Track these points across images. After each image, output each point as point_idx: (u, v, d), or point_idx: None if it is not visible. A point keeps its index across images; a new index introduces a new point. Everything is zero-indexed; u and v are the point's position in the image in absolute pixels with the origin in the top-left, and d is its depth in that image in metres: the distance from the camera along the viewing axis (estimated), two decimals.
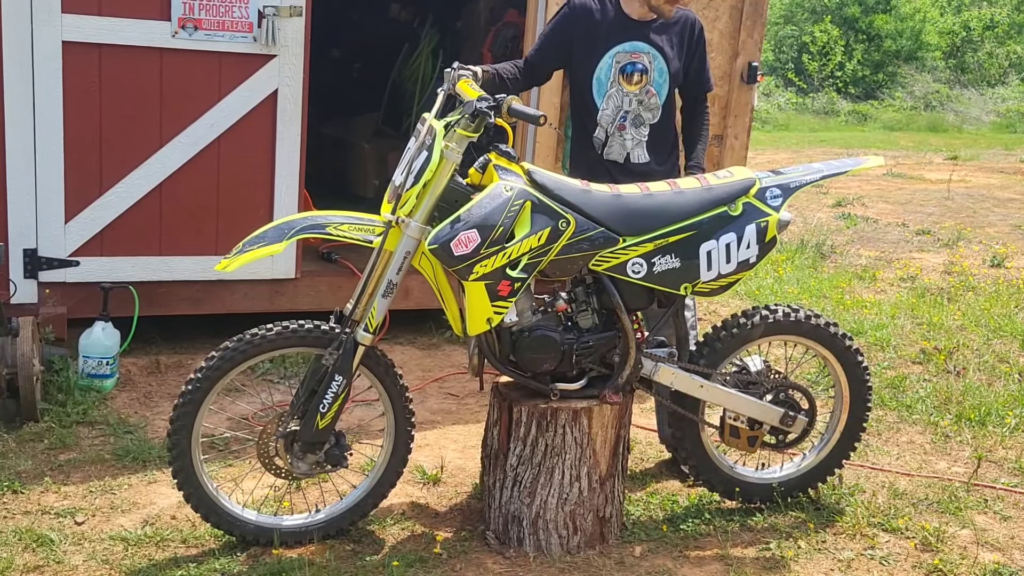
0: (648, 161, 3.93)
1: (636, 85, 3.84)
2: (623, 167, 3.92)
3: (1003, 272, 7.81)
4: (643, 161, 3.93)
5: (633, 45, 3.85)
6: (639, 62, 3.85)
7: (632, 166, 3.92)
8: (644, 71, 3.85)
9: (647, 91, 3.87)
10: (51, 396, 4.24)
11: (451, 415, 4.56)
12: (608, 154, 3.93)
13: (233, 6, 4.56)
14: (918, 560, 3.45)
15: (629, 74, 3.84)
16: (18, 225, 4.48)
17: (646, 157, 3.94)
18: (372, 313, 3.16)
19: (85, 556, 3.19)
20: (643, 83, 3.86)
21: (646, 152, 3.94)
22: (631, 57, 3.85)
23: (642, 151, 3.93)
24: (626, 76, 3.85)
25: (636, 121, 3.89)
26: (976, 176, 13.20)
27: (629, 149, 3.93)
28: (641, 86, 3.85)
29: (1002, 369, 5.40)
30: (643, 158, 3.93)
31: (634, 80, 3.84)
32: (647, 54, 3.85)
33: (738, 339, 3.55)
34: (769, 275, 7.24)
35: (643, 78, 3.85)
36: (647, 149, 3.94)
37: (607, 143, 3.92)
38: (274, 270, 4.93)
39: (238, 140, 4.72)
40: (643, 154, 3.93)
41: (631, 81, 3.84)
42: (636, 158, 3.93)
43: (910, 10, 23.44)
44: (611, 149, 3.93)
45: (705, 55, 4.00)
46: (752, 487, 3.73)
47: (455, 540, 3.42)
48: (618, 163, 3.93)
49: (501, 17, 6.77)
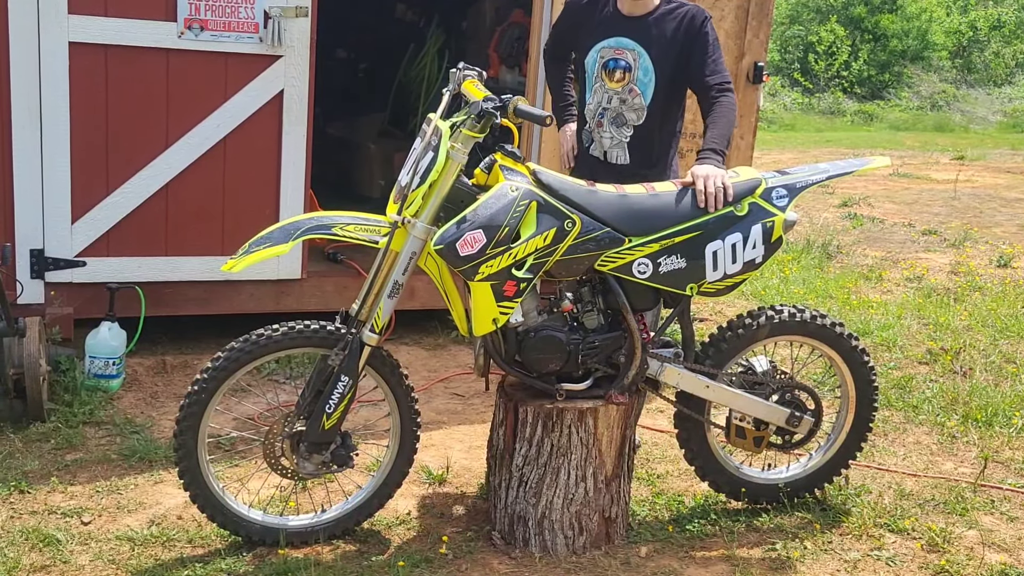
0: (628, 164, 3.84)
1: (618, 83, 3.76)
2: (603, 164, 3.88)
3: (1010, 272, 7.79)
4: (622, 162, 3.85)
5: (618, 41, 3.76)
6: (622, 59, 3.75)
7: (612, 165, 3.86)
8: (627, 68, 3.75)
9: (630, 89, 3.76)
10: (58, 396, 4.25)
11: (457, 415, 4.56)
12: (591, 149, 3.92)
13: (239, 7, 4.56)
14: (924, 561, 3.44)
15: (611, 70, 3.77)
16: (25, 225, 4.49)
17: (626, 159, 3.85)
18: (378, 313, 3.16)
19: (91, 556, 3.20)
20: (625, 81, 3.75)
21: (627, 154, 3.84)
22: (614, 53, 3.77)
23: (622, 152, 3.85)
24: (608, 72, 3.78)
25: (617, 120, 3.80)
26: (983, 176, 13.16)
27: (606, 148, 3.86)
28: (623, 84, 3.76)
29: (1009, 369, 5.39)
30: (622, 159, 3.85)
31: (616, 77, 3.76)
32: (632, 51, 3.74)
33: (744, 339, 3.55)
34: (775, 275, 7.23)
35: (625, 76, 3.75)
36: (630, 151, 3.84)
37: (592, 138, 3.91)
38: (280, 270, 4.93)
39: (244, 140, 4.73)
40: (623, 155, 3.85)
41: (612, 78, 3.77)
42: (614, 158, 3.86)
43: (916, 10, 23.38)
44: (592, 145, 3.91)
45: (708, 46, 3.71)
46: (758, 487, 3.72)
47: (461, 540, 3.42)
48: (599, 160, 3.90)
49: (507, 17, 6.77)
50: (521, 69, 6.42)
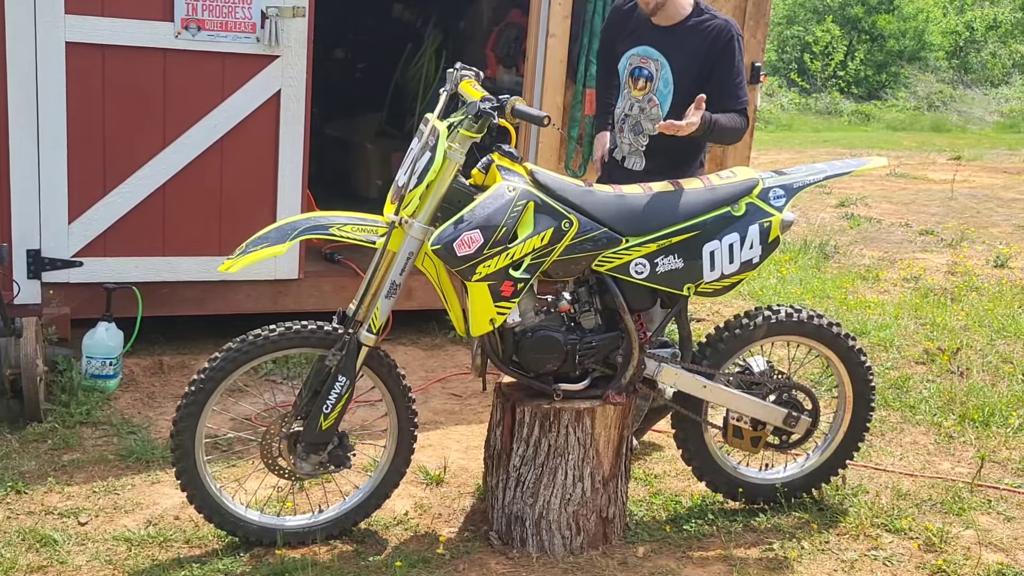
0: (642, 171, 3.85)
1: (640, 91, 3.81)
2: (621, 168, 3.93)
3: (1007, 272, 7.79)
4: (637, 169, 3.89)
5: (645, 50, 3.80)
6: (646, 68, 3.79)
7: (629, 171, 3.90)
8: (649, 78, 3.78)
9: (649, 99, 3.80)
10: (55, 396, 4.25)
11: (454, 415, 4.56)
12: (614, 152, 3.97)
13: (236, 7, 4.56)
14: (921, 561, 3.44)
15: (636, 78, 3.82)
16: (22, 226, 4.49)
17: (642, 166, 3.88)
18: (375, 314, 3.16)
19: (88, 556, 3.20)
20: (647, 90, 3.79)
21: (644, 161, 3.87)
22: (640, 61, 3.81)
23: (638, 159, 3.88)
24: (634, 80, 3.83)
25: (635, 128, 3.84)
26: (979, 176, 13.18)
27: (624, 153, 3.92)
28: (644, 93, 3.80)
29: (1006, 369, 5.39)
30: (638, 166, 3.89)
31: (639, 85, 3.81)
32: (655, 61, 3.77)
33: (741, 339, 3.55)
34: (772, 275, 7.23)
35: (647, 85, 3.78)
36: (646, 158, 3.86)
37: (616, 142, 3.96)
38: (277, 271, 4.93)
39: (241, 141, 4.72)
40: (639, 162, 3.89)
41: (636, 86, 3.82)
42: (631, 164, 3.91)
43: (913, 10, 23.40)
44: (616, 148, 3.96)
45: (732, 67, 3.67)
46: (755, 488, 3.73)
47: (458, 541, 3.42)
48: (618, 163, 3.96)
49: (504, 17, 6.77)
50: (518, 69, 6.42)
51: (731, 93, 3.69)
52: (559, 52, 5.20)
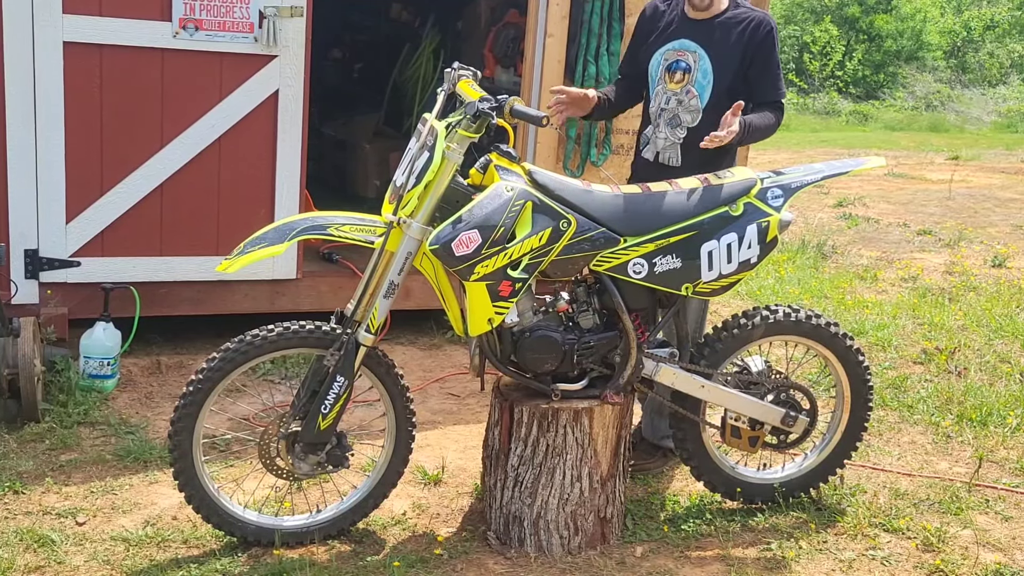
0: (680, 166, 3.78)
1: (678, 84, 3.75)
2: (654, 166, 3.83)
3: (1004, 272, 7.80)
4: (674, 164, 3.79)
5: (681, 43, 3.75)
6: (683, 60, 3.74)
7: (664, 167, 3.81)
8: (687, 70, 3.73)
9: (687, 91, 3.73)
10: (52, 397, 4.24)
11: (452, 415, 4.56)
12: (644, 152, 3.89)
13: (234, 6, 4.56)
14: (919, 560, 3.45)
15: (672, 72, 3.76)
16: (19, 226, 4.48)
17: (678, 161, 3.79)
18: (373, 314, 3.16)
19: (86, 556, 3.19)
20: (684, 82, 3.73)
21: (680, 155, 3.79)
22: (677, 55, 3.75)
23: (675, 153, 3.80)
24: (670, 74, 3.77)
25: (673, 121, 3.77)
26: (977, 176, 13.19)
27: (659, 148, 3.82)
28: (682, 85, 3.74)
29: (1003, 369, 5.40)
30: (675, 161, 3.79)
31: (676, 78, 3.75)
32: (693, 53, 3.72)
33: (739, 339, 3.55)
34: (770, 275, 7.24)
35: (685, 77, 3.73)
36: (683, 152, 3.79)
37: (648, 140, 3.87)
38: (275, 271, 4.93)
39: (239, 140, 4.72)
40: (675, 157, 3.79)
41: (673, 79, 3.75)
42: (666, 159, 3.81)
43: (911, 10, 23.43)
44: (647, 147, 3.87)
45: (771, 60, 3.70)
46: (753, 487, 3.73)
47: (456, 540, 3.42)
48: (648, 161, 3.86)
49: (502, 17, 6.77)
50: (516, 69, 6.41)
51: (771, 84, 3.73)
52: (557, 52, 5.20)
